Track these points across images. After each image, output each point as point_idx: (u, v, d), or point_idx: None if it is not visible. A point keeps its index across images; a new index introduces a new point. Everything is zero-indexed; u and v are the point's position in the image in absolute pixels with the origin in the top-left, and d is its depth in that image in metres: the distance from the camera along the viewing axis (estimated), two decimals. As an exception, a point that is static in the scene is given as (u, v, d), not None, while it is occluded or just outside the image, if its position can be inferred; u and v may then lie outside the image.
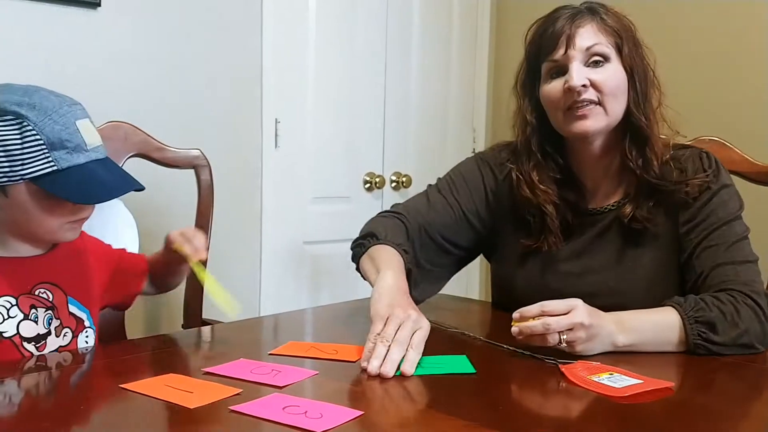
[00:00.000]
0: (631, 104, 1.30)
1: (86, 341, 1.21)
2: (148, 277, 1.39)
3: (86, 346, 1.21)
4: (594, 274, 1.35)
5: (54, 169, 1.07)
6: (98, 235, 1.37)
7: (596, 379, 1.02)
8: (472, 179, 1.47)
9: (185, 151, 1.79)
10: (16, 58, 1.85)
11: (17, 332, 1.11)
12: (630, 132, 1.31)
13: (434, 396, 0.95)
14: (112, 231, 1.53)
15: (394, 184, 2.79)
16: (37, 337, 1.13)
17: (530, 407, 1.01)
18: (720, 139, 1.65)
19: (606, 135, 1.32)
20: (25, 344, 1.12)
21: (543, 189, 1.35)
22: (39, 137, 1.06)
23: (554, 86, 1.30)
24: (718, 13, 2.47)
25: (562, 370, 1.06)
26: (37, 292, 1.14)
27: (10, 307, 1.12)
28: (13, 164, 1.06)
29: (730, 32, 2.45)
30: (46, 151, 1.06)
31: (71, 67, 1.93)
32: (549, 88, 1.31)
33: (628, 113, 1.30)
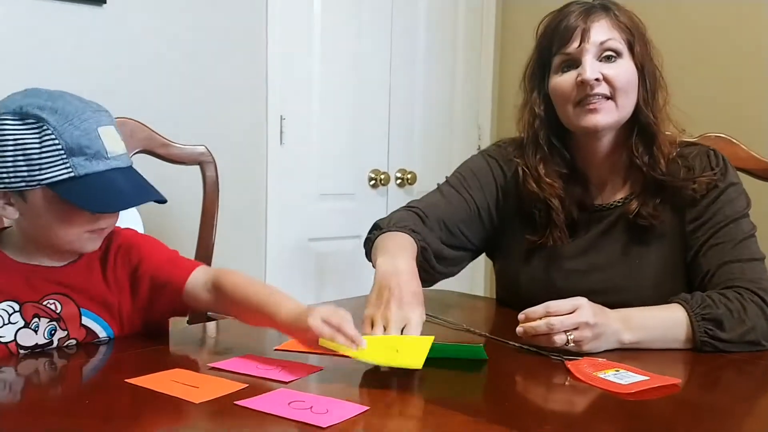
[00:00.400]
0: (641, 102, 1.30)
1: None
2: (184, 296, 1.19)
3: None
4: (599, 271, 1.35)
5: (71, 175, 1.04)
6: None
7: (602, 376, 1.02)
8: (483, 175, 1.46)
9: (191, 148, 1.79)
10: (21, 54, 1.85)
11: (14, 339, 1.10)
12: (638, 129, 1.31)
13: (440, 392, 0.95)
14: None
15: (399, 181, 2.78)
16: (35, 347, 1.11)
17: (536, 403, 1.01)
18: (726, 135, 1.64)
19: (614, 131, 1.32)
20: (21, 352, 1.11)
21: (549, 182, 1.35)
22: (57, 142, 1.03)
23: (565, 79, 1.29)
24: (724, 10, 2.47)
25: (568, 366, 1.06)
26: (45, 303, 1.12)
27: (12, 313, 1.10)
28: (31, 169, 1.03)
29: (735, 29, 2.45)
30: (64, 156, 1.04)
31: (76, 63, 1.93)
32: (560, 80, 1.30)
33: (636, 110, 1.30)
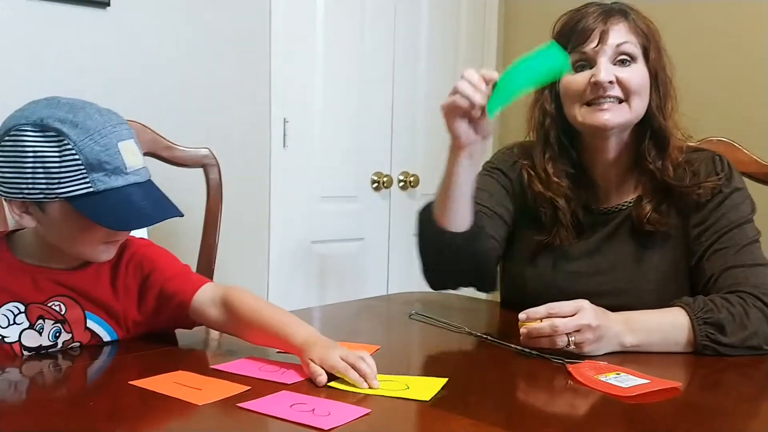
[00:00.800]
0: (653, 107, 1.31)
1: None
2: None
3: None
4: (604, 274, 1.35)
5: (90, 190, 1.05)
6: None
7: (603, 379, 1.02)
8: (489, 186, 1.44)
9: (194, 150, 1.79)
10: (26, 57, 1.86)
11: (18, 340, 1.11)
12: (651, 134, 1.32)
13: (442, 394, 0.95)
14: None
15: (401, 183, 2.79)
16: (39, 349, 1.12)
17: (537, 407, 1.01)
18: (728, 139, 1.64)
19: (621, 133, 1.32)
20: (25, 353, 1.11)
21: (556, 181, 1.35)
22: (78, 157, 1.04)
23: (578, 78, 1.30)
24: (725, 14, 2.47)
25: (569, 369, 1.06)
26: (50, 304, 1.13)
27: (17, 314, 1.11)
28: (50, 181, 1.04)
29: (736, 32, 2.45)
30: (84, 171, 1.04)
31: (80, 66, 1.94)
32: (572, 79, 1.31)
33: (649, 115, 1.31)
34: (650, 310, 1.20)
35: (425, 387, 0.97)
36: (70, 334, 1.14)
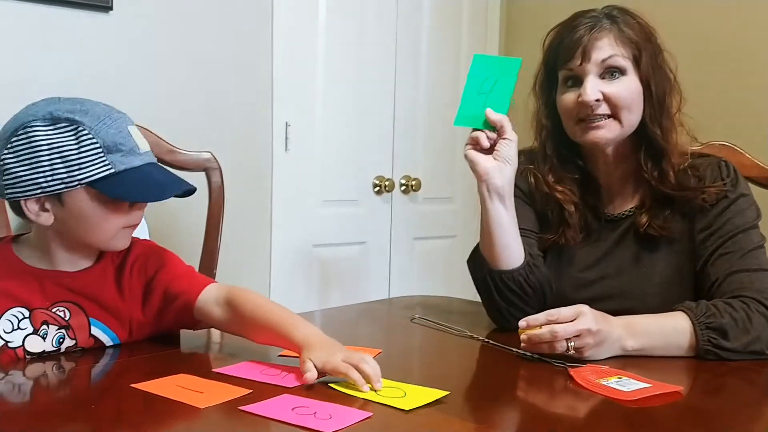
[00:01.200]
0: (647, 117, 1.30)
1: None
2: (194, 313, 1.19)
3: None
4: (609, 278, 1.35)
5: (111, 171, 1.08)
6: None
7: (605, 383, 1.02)
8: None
9: (196, 154, 1.80)
10: (28, 61, 1.87)
11: (22, 345, 1.11)
12: (645, 144, 1.32)
13: (443, 398, 0.95)
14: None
15: (403, 187, 2.79)
16: (42, 354, 1.12)
17: (539, 410, 1.01)
18: (730, 144, 1.64)
19: (619, 143, 1.32)
20: (29, 359, 1.12)
21: (560, 190, 1.36)
22: (96, 141, 1.07)
23: (568, 97, 1.30)
24: (729, 17, 2.47)
25: (571, 373, 1.06)
26: (54, 310, 1.13)
27: (22, 319, 1.11)
28: (70, 170, 1.06)
29: (738, 35, 2.45)
30: (102, 154, 1.07)
31: (82, 69, 1.95)
32: (564, 98, 1.32)
33: (643, 126, 1.31)
34: (652, 315, 1.20)
35: (422, 397, 0.95)
36: (74, 341, 1.14)
